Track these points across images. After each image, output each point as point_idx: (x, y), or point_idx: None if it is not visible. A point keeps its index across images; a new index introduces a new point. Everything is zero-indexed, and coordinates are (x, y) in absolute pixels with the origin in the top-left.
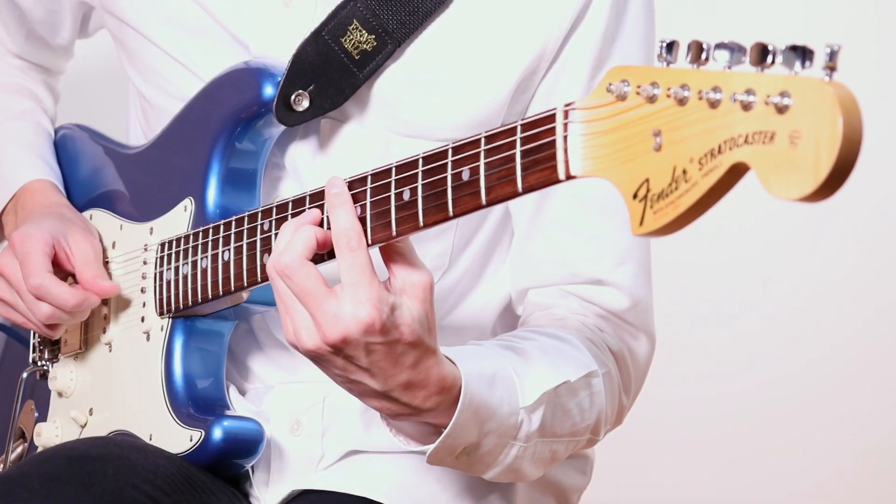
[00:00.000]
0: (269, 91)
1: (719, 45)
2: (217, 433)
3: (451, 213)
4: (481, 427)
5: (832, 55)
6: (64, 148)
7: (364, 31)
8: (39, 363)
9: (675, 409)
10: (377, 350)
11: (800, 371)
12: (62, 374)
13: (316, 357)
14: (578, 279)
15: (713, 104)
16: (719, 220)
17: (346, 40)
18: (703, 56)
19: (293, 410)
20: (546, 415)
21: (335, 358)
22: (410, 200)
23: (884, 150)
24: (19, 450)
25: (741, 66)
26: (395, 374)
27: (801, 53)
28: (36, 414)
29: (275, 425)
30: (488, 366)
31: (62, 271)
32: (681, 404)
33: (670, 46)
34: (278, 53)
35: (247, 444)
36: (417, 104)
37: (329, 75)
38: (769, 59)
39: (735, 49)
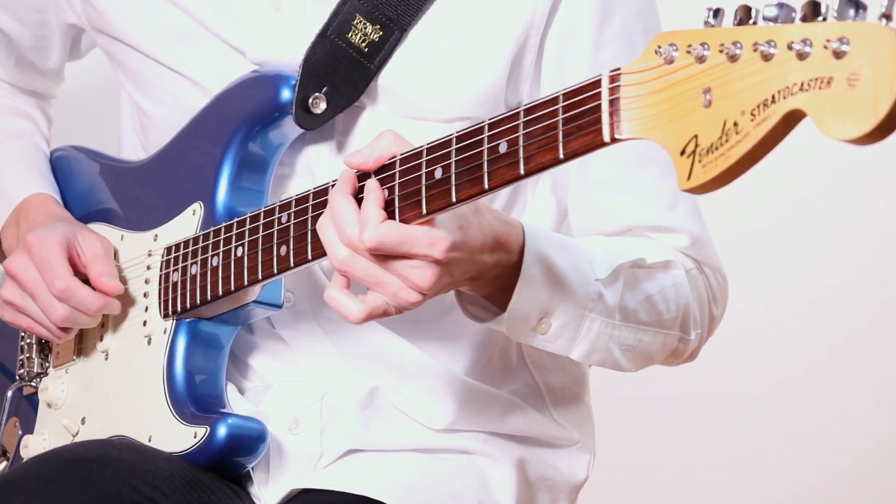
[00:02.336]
0: (286, 95)
1: (769, 5)
2: (222, 430)
3: (486, 187)
4: (552, 289)
5: (890, 2)
6: (60, 169)
7: (368, 24)
8: (27, 379)
9: (674, 408)
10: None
11: (800, 372)
12: (53, 386)
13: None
14: (636, 232)
15: (767, 57)
16: (723, 223)
17: (352, 35)
18: (752, 20)
19: (292, 409)
20: (625, 295)
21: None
22: (443, 177)
23: (884, 153)
24: (1, 467)
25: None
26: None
27: (855, 5)
28: (20, 432)
29: (274, 424)
30: (557, 237)
31: (76, 272)
32: (681, 404)
33: (717, 13)
34: (274, 57)
35: (249, 443)
36: (422, 86)
37: (341, 73)
38: (822, 12)
39: (785, 6)
